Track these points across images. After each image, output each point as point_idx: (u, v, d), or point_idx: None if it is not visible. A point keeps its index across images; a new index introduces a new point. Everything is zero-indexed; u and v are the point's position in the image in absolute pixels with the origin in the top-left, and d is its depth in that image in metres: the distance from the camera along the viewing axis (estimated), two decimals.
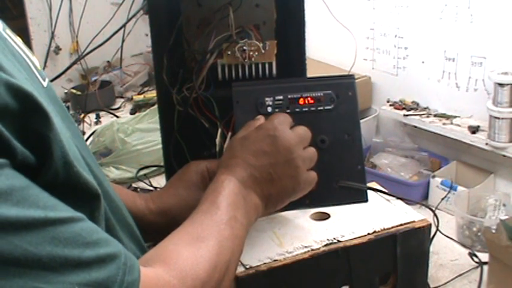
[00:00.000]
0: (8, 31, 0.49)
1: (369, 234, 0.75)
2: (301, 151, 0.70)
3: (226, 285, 0.57)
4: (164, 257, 0.52)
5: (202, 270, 0.52)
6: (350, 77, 0.81)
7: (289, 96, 0.78)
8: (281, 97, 0.78)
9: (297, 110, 0.78)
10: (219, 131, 0.84)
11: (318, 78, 0.81)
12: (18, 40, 0.50)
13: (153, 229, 0.74)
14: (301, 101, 0.78)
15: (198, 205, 0.62)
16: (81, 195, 0.45)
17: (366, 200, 0.80)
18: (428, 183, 1.30)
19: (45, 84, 0.50)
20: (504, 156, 1.25)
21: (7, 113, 0.39)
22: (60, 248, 0.38)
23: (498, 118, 1.21)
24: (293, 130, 0.71)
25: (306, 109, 0.78)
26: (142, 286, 0.44)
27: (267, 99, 0.78)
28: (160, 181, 1.39)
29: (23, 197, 0.38)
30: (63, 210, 0.41)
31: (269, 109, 0.78)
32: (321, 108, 0.79)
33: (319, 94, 0.79)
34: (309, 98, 0.78)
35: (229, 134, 0.82)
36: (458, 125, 1.34)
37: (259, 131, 0.70)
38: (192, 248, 0.54)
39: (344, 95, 0.79)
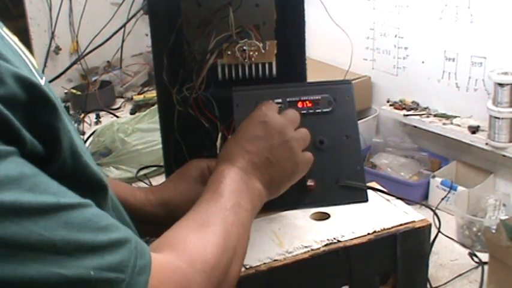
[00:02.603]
0: (6, 29, 0.49)
1: (369, 234, 0.74)
2: (293, 132, 0.71)
3: (235, 272, 0.57)
4: (172, 243, 0.53)
5: (210, 254, 0.53)
6: (347, 81, 0.84)
7: (288, 100, 0.80)
8: (280, 100, 0.80)
9: None
10: (220, 134, 0.84)
11: (316, 83, 0.84)
12: (15, 39, 0.50)
13: (152, 220, 0.75)
14: (299, 104, 0.80)
15: (201, 196, 0.63)
16: (88, 185, 0.46)
17: (366, 200, 0.80)
18: (428, 183, 1.30)
19: (42, 82, 0.50)
20: (504, 156, 1.25)
21: (16, 103, 0.39)
22: (74, 232, 0.39)
23: (498, 118, 1.21)
24: (282, 114, 0.73)
25: (305, 111, 0.80)
26: (153, 270, 0.45)
27: None
28: (160, 181, 1.37)
29: (35, 184, 0.38)
30: (73, 197, 0.41)
31: None
32: (319, 110, 0.81)
33: (317, 97, 0.81)
34: (307, 102, 0.80)
35: (230, 137, 0.82)
36: (458, 125, 1.34)
37: (250, 120, 0.72)
38: (199, 233, 0.55)
39: (341, 98, 0.81)
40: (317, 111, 0.81)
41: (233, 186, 0.63)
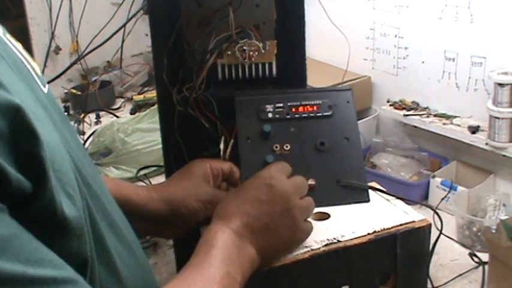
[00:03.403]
0: (8, 36, 0.47)
1: (369, 234, 0.74)
2: (298, 201, 0.68)
3: None
4: None
5: None
6: (347, 88, 0.87)
7: (289, 104, 0.82)
8: (281, 104, 0.82)
9: (297, 115, 0.82)
10: (222, 138, 0.85)
11: (317, 89, 0.87)
12: (19, 45, 0.48)
13: (154, 218, 0.75)
14: (300, 109, 0.82)
15: (192, 256, 0.59)
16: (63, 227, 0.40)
17: (368, 200, 0.81)
18: (428, 183, 1.30)
19: (45, 90, 0.49)
20: (504, 156, 1.25)
21: None
22: None
23: (498, 118, 1.21)
24: (290, 179, 0.69)
25: (306, 115, 0.82)
26: None
27: (267, 106, 0.82)
28: (160, 181, 1.38)
29: (2, 247, 0.34)
30: (47, 268, 0.36)
31: (270, 115, 0.81)
32: (320, 114, 0.82)
33: (318, 102, 0.83)
34: (308, 106, 0.82)
35: (232, 141, 0.84)
36: (458, 125, 1.34)
37: (255, 180, 0.68)
38: None
39: (342, 103, 0.83)
40: (318, 114, 0.82)
41: (225, 253, 0.59)
